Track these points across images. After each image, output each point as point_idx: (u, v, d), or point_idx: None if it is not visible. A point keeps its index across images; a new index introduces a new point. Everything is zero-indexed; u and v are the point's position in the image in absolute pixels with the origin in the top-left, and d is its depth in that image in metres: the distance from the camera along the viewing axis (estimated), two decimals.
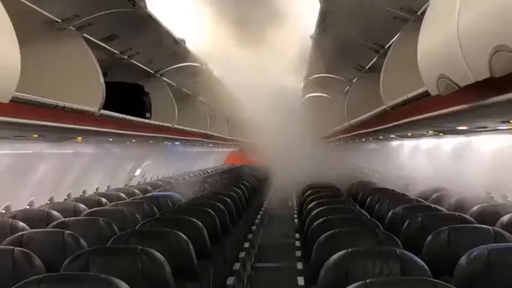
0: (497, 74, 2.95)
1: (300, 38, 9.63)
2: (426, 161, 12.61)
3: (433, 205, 8.40)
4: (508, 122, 5.11)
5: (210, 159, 29.84)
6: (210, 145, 21.66)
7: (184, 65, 11.24)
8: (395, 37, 7.21)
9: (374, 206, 9.49)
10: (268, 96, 16.38)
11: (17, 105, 4.84)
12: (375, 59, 9.24)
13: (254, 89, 15.65)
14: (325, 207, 8.47)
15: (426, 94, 4.66)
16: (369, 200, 10.31)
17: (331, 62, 10.83)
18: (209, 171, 25.60)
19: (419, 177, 12.06)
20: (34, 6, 6.07)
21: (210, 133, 16.68)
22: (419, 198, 9.76)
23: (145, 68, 10.49)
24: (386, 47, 8.03)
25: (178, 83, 13.21)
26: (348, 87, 12.82)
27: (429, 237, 5.88)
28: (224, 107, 17.25)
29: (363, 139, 14.04)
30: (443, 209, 8.16)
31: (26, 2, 5.83)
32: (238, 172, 24.04)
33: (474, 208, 8.00)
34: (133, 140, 11.11)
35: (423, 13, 4.64)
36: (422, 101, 5.24)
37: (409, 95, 5.73)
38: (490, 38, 2.87)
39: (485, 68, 2.99)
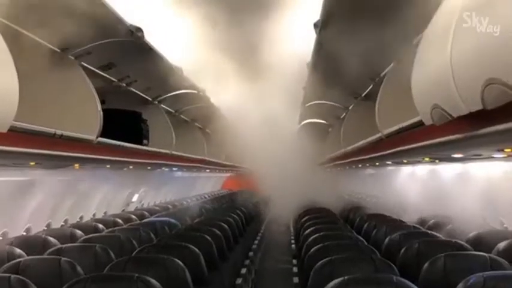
0: (490, 106, 3.00)
1: (296, 65, 9.69)
2: (423, 187, 12.62)
3: (429, 231, 8.42)
4: (503, 150, 5.14)
5: (207, 185, 29.80)
6: (207, 171, 21.66)
7: (182, 92, 11.31)
8: (390, 66, 7.27)
9: (371, 232, 9.50)
10: (265, 122, 16.45)
11: (15, 134, 4.87)
12: (371, 86, 9.30)
13: (251, 115, 15.73)
14: (322, 233, 8.48)
15: (421, 123, 4.71)
16: (365, 226, 10.31)
17: (328, 89, 10.88)
18: (206, 196, 25.57)
19: (416, 203, 12.08)
20: (33, 36, 6.13)
21: (207, 159, 16.70)
22: (416, 225, 9.78)
23: (143, 95, 10.55)
24: (381, 75, 8.09)
25: (175, 110, 13.28)
26: (344, 114, 12.88)
27: (426, 265, 5.91)
28: (221, 132, 17.29)
29: (360, 165, 14.06)
30: (440, 236, 8.17)
31: (25, 31, 5.90)
32: (235, 197, 24.01)
33: (471, 234, 8.02)
34: (131, 167, 11.13)
35: (418, 43, 4.70)
36: (417, 130, 5.29)
37: (404, 124, 5.78)
38: (482, 70, 2.92)
39: (477, 99, 3.04)
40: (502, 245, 6.99)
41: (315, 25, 6.48)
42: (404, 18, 5.45)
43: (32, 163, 6.87)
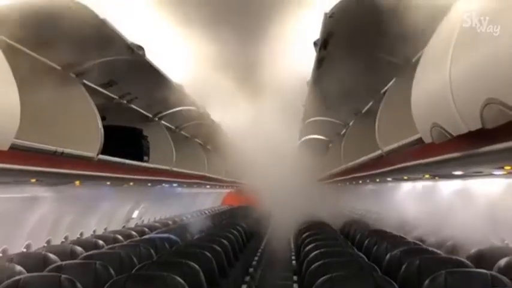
0: (489, 125, 3.01)
1: (296, 82, 9.72)
2: (423, 203, 12.61)
3: (430, 248, 8.42)
4: (503, 168, 5.16)
5: (207, 200, 29.76)
6: (208, 186, 21.66)
7: (182, 109, 11.34)
8: (390, 83, 7.29)
9: (371, 249, 9.49)
10: (265, 138, 16.47)
11: (16, 152, 4.89)
12: (371, 103, 9.32)
13: (251, 131, 15.75)
14: (322, 249, 8.47)
15: (420, 141, 4.72)
16: (366, 242, 10.31)
17: (327, 106, 10.91)
18: (206, 212, 25.54)
19: (417, 220, 12.08)
20: (34, 54, 6.17)
21: (207, 175, 16.71)
22: (416, 241, 9.77)
23: (143, 112, 10.58)
24: (381, 92, 8.12)
25: (176, 126, 13.31)
26: (344, 130, 12.90)
27: (426, 282, 5.91)
28: (221, 148, 17.31)
29: (360, 181, 14.07)
30: (441, 252, 8.17)
31: (26, 49, 5.93)
32: (235, 213, 23.99)
33: (472, 251, 8.02)
34: (131, 183, 11.14)
35: (417, 60, 4.72)
36: (417, 148, 5.31)
37: (404, 142, 5.79)
38: (481, 90, 2.94)
39: (477, 119, 3.05)
40: (503, 261, 6.99)
41: (315, 43, 6.51)
42: (403, 37, 5.49)
43: (33, 180, 6.89)
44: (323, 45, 6.40)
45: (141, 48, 6.71)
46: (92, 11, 5.45)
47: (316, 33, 6.30)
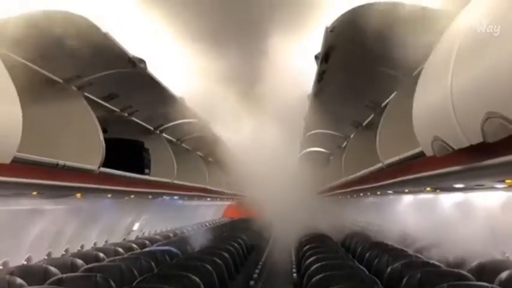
0: (490, 139, 3.02)
1: (297, 95, 9.75)
2: (424, 216, 12.61)
3: (431, 261, 8.41)
4: (504, 181, 5.16)
5: (208, 213, 29.73)
6: (209, 199, 21.65)
7: (184, 122, 11.35)
8: (391, 96, 7.31)
9: (373, 261, 9.49)
10: (266, 151, 16.47)
11: (18, 165, 4.89)
12: (371, 116, 9.33)
13: (252, 143, 15.75)
14: (323, 262, 8.48)
15: (422, 154, 4.73)
16: (367, 254, 10.31)
17: (328, 119, 10.93)
18: (207, 224, 25.51)
19: (418, 232, 12.07)
20: (36, 67, 6.19)
21: (208, 187, 16.70)
22: (418, 254, 9.77)
23: (145, 124, 10.59)
24: (382, 105, 8.13)
25: (177, 139, 13.32)
26: (345, 143, 12.91)
27: None
28: (222, 161, 17.31)
29: (361, 194, 14.06)
30: (442, 265, 8.16)
31: (28, 63, 5.95)
32: (236, 225, 23.98)
33: (473, 264, 8.01)
34: (133, 196, 11.14)
35: (418, 74, 4.73)
36: (418, 161, 5.31)
37: (405, 155, 5.80)
38: (482, 104, 2.95)
39: (478, 132, 3.06)
40: (504, 275, 6.99)
41: (316, 57, 6.54)
42: (404, 50, 5.50)
43: (34, 193, 6.89)
44: (324, 58, 6.41)
45: (142, 61, 6.73)
46: (94, 24, 5.48)
47: (317, 47, 6.32)
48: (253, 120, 13.88)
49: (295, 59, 8.17)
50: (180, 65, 8.15)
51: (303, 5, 6.25)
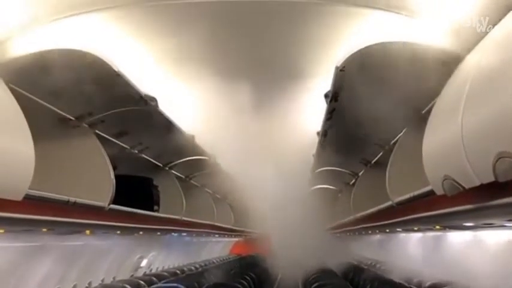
0: (502, 178, 3.02)
1: (306, 133, 9.78)
2: (432, 253, 12.51)
3: None
4: None
5: (215, 249, 29.54)
6: (216, 235, 21.56)
7: (193, 159, 11.39)
8: (401, 134, 7.32)
9: None
10: (274, 188, 16.44)
11: (30, 202, 4.91)
12: (381, 154, 9.33)
13: (261, 181, 15.73)
14: None
15: (432, 193, 4.72)
16: None
17: (337, 156, 10.93)
18: (215, 261, 25.35)
19: (426, 269, 11.95)
20: (48, 105, 6.25)
21: (216, 224, 16.65)
22: None
23: (154, 161, 10.63)
24: (391, 143, 8.14)
25: (186, 175, 13.34)
26: (354, 180, 12.89)
27: None
28: (231, 198, 17.30)
29: (370, 232, 13.98)
30: None
31: (40, 101, 6.01)
32: (244, 262, 23.80)
33: None
34: (141, 233, 11.12)
35: (428, 112, 4.75)
36: (428, 199, 5.30)
37: (415, 193, 5.79)
38: (493, 143, 2.96)
39: (489, 172, 3.06)
40: None
41: (326, 96, 6.59)
42: (414, 89, 5.54)
43: (45, 229, 6.89)
44: (334, 97, 6.46)
45: (154, 99, 6.78)
46: (106, 62, 5.54)
47: (326, 86, 6.38)
48: (262, 157, 13.88)
49: (305, 97, 8.21)
50: (190, 103, 8.20)
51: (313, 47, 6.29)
